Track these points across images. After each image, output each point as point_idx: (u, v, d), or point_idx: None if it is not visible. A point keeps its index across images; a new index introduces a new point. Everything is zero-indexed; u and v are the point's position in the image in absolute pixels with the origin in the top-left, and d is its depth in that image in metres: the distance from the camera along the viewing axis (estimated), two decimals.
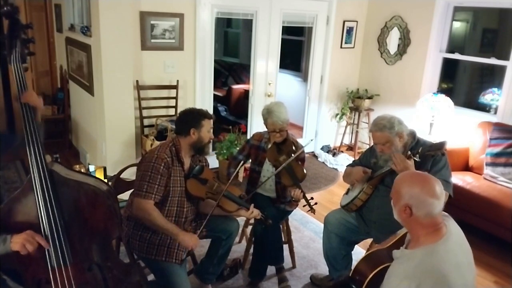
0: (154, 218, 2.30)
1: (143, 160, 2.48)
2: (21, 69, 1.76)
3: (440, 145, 2.34)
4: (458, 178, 3.76)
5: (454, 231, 1.66)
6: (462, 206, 3.64)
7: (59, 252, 1.69)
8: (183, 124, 2.49)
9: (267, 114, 2.88)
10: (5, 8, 1.72)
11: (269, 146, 2.98)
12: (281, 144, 2.92)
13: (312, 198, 2.77)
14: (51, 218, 1.67)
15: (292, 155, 2.84)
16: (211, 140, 2.58)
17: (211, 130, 2.54)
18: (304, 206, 2.76)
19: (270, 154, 2.93)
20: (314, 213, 2.75)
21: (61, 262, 1.69)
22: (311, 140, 4.98)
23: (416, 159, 2.36)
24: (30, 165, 1.70)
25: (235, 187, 2.70)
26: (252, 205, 2.61)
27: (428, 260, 1.55)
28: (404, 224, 1.72)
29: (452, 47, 5.14)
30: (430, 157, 2.46)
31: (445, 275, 1.51)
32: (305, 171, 2.88)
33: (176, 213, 2.47)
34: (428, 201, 1.60)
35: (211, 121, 2.54)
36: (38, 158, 1.70)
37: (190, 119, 2.48)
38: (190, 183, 2.50)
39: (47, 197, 1.67)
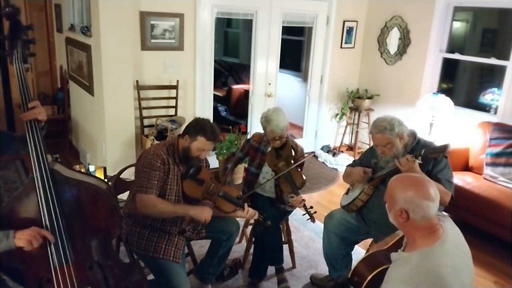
0: (161, 207, 2.34)
1: (140, 158, 2.51)
2: (23, 70, 1.77)
3: (443, 148, 2.33)
4: (458, 178, 3.75)
5: (451, 233, 1.65)
6: (462, 206, 3.65)
7: (61, 250, 1.70)
8: (186, 127, 2.50)
9: (266, 122, 2.85)
10: (6, 10, 1.72)
11: (269, 149, 2.96)
12: (280, 149, 2.90)
13: (311, 207, 2.74)
14: (53, 216, 1.68)
15: (291, 161, 2.83)
16: (202, 160, 2.50)
17: (204, 152, 2.46)
18: (303, 215, 2.76)
19: (269, 159, 2.92)
20: (313, 222, 2.73)
21: (63, 260, 1.70)
22: (311, 152, 5.04)
23: (419, 161, 2.36)
24: (32, 164, 1.70)
25: (232, 187, 2.69)
26: (246, 204, 2.59)
27: (424, 264, 1.55)
28: (400, 228, 1.72)
29: (452, 47, 5.14)
30: (432, 159, 2.46)
31: (441, 278, 1.51)
32: (304, 177, 2.86)
33: None
34: (424, 204, 1.60)
35: (208, 142, 2.42)
36: (40, 157, 1.71)
37: (192, 125, 2.47)
38: (187, 184, 2.49)
39: (49, 196, 1.68)
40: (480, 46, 5.95)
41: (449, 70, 5.51)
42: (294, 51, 7.03)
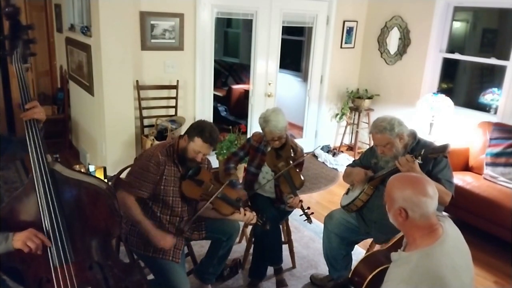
0: (132, 213, 2.33)
1: (139, 158, 2.51)
2: (23, 70, 1.77)
3: (443, 148, 2.33)
4: (458, 178, 3.74)
5: (450, 233, 1.65)
6: (462, 206, 3.64)
7: (61, 250, 1.70)
8: (188, 127, 2.49)
9: (264, 123, 2.84)
10: (6, 9, 1.72)
11: (269, 149, 2.96)
12: (280, 149, 2.89)
13: (308, 208, 2.75)
14: (53, 216, 1.68)
15: (291, 162, 2.83)
16: (198, 163, 2.48)
17: (200, 155, 2.42)
18: (300, 215, 2.76)
19: (269, 159, 2.92)
20: (310, 223, 2.74)
21: (63, 260, 1.70)
22: (313, 150, 5.02)
23: (418, 161, 2.36)
24: (32, 164, 1.70)
25: (231, 189, 2.68)
26: (242, 208, 2.59)
27: (424, 264, 1.55)
28: (400, 227, 1.72)
29: (452, 47, 5.14)
30: (432, 159, 2.46)
31: (441, 278, 1.51)
32: (302, 177, 2.85)
33: (170, 212, 2.48)
34: (422, 201, 1.60)
35: (205, 145, 2.39)
36: (40, 157, 1.71)
37: (193, 126, 2.47)
38: (186, 184, 2.49)
39: (48, 196, 1.68)
40: (480, 46, 5.94)
41: (449, 70, 5.51)
42: (294, 51, 7.03)
